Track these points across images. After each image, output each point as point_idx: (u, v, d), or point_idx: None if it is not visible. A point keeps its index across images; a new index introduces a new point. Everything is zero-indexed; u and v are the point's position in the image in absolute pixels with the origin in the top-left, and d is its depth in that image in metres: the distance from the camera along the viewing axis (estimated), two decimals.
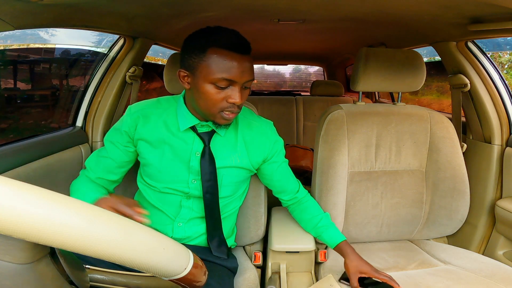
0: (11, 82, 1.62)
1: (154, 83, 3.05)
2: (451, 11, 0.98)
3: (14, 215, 0.31)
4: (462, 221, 1.20)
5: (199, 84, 0.77)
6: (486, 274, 1.00)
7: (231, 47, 0.75)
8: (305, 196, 1.09)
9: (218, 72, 0.74)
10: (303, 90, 4.26)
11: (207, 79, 0.76)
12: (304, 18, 1.37)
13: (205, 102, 0.79)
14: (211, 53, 0.75)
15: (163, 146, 0.88)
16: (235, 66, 0.75)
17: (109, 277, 0.51)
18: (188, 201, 0.92)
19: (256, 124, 0.95)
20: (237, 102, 0.77)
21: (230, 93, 0.77)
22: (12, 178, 0.32)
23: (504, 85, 1.29)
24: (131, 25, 1.19)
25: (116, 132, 0.92)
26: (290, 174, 1.04)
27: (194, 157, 0.88)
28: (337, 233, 1.03)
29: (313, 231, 1.07)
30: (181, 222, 0.94)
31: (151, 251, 0.41)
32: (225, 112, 0.80)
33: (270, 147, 0.95)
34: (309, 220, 1.06)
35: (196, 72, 0.77)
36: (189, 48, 0.78)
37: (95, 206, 0.38)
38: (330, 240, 1.02)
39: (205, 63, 0.75)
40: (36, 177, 1.03)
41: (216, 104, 0.78)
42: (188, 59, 0.78)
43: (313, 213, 1.07)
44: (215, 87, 0.76)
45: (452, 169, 1.16)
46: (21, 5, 0.73)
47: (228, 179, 0.93)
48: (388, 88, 1.18)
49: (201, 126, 0.88)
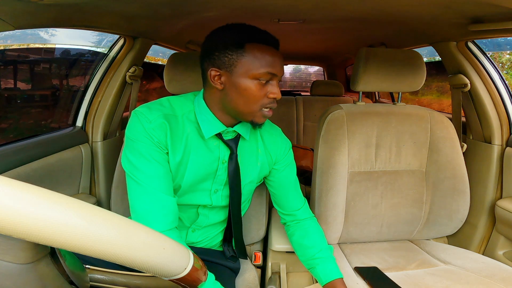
0: (11, 82, 1.62)
1: (154, 83, 3.05)
2: (451, 11, 0.98)
3: (14, 215, 0.31)
4: (462, 221, 1.20)
5: (239, 81, 0.73)
6: (486, 274, 1.00)
7: (267, 41, 0.74)
8: (308, 218, 0.98)
9: (262, 67, 0.72)
10: (303, 90, 4.27)
11: (250, 74, 0.73)
12: (304, 18, 1.36)
13: (247, 100, 0.75)
14: (251, 48, 0.72)
15: (188, 159, 0.80)
16: (275, 60, 0.74)
17: (109, 277, 0.51)
18: (205, 210, 0.90)
19: (268, 127, 0.94)
20: (278, 97, 0.76)
21: (270, 88, 0.75)
22: (12, 178, 0.32)
23: (504, 85, 1.29)
24: (131, 25, 1.19)
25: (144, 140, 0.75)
26: (296, 186, 0.98)
27: (221, 166, 0.83)
28: (335, 269, 0.90)
29: (307, 262, 0.93)
30: (195, 229, 0.92)
31: (151, 251, 0.41)
32: (265, 109, 0.77)
33: (284, 150, 0.93)
34: (307, 249, 0.93)
35: (235, 69, 0.73)
36: (222, 45, 0.73)
37: (95, 206, 0.38)
38: (323, 274, 0.89)
39: (245, 58, 0.72)
40: (36, 177, 1.03)
41: (258, 101, 0.75)
42: (221, 56, 0.73)
43: (315, 242, 0.93)
44: (258, 82, 0.74)
45: (452, 169, 1.16)
46: (21, 5, 0.73)
47: (249, 187, 0.91)
48: (388, 88, 1.18)
49: (226, 132, 0.82)
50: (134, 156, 0.75)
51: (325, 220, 1.14)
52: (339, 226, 1.16)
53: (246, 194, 0.93)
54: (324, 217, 1.14)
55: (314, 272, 0.91)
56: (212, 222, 0.92)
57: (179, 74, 1.12)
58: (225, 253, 0.97)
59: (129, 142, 0.77)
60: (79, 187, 1.29)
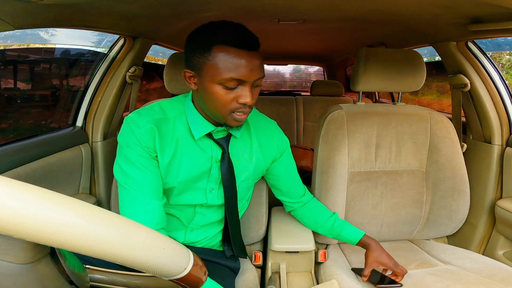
0: (11, 82, 1.62)
1: (154, 83, 3.05)
2: (451, 11, 0.98)
3: (14, 215, 0.31)
4: (462, 221, 1.20)
5: (206, 85, 0.71)
6: (486, 274, 1.00)
7: (237, 44, 0.68)
8: (312, 199, 1.09)
9: (226, 72, 0.68)
10: (303, 90, 4.26)
11: (215, 79, 0.70)
12: (304, 18, 1.36)
13: (214, 104, 0.73)
14: (217, 51, 0.68)
15: (180, 159, 0.81)
16: (243, 65, 0.68)
17: (109, 277, 0.51)
18: (202, 208, 0.90)
19: (264, 123, 0.93)
20: (248, 102, 0.71)
21: (240, 92, 0.71)
22: (12, 178, 0.32)
23: (504, 85, 1.29)
24: (131, 25, 1.19)
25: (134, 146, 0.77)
26: (297, 176, 1.04)
27: (215, 165, 0.84)
28: (354, 229, 1.03)
29: (330, 232, 1.05)
30: (193, 228, 0.93)
31: (151, 251, 0.41)
32: (236, 113, 0.74)
33: (279, 146, 0.94)
34: (324, 223, 1.05)
35: (202, 72, 0.71)
36: (193, 46, 0.72)
37: (95, 206, 0.38)
38: (350, 237, 1.02)
39: (211, 63, 0.69)
40: (36, 177, 1.03)
41: (226, 106, 0.72)
42: (192, 58, 0.72)
43: (325, 215, 1.06)
44: (224, 87, 0.70)
45: (452, 169, 1.16)
46: (21, 5, 0.73)
47: (245, 184, 0.92)
48: (388, 88, 1.18)
49: (216, 132, 0.82)
50: (123, 162, 0.78)
51: None
52: None
53: (243, 192, 0.94)
54: None
55: (341, 237, 1.04)
56: (210, 221, 0.92)
57: (179, 74, 1.12)
58: (225, 252, 0.97)
59: (120, 149, 0.80)
60: (79, 187, 1.29)
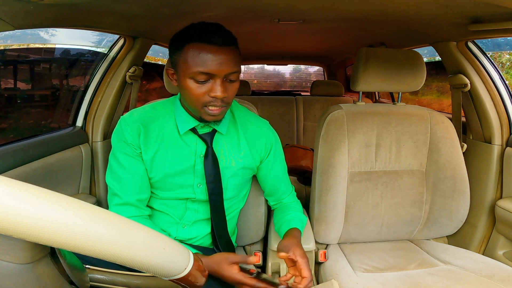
0: (11, 82, 1.62)
1: (154, 83, 3.05)
2: (451, 11, 0.98)
3: (14, 215, 0.31)
4: (462, 221, 1.20)
5: (181, 81, 0.78)
6: (486, 274, 1.00)
7: (206, 39, 0.74)
8: (293, 202, 1.04)
9: (194, 66, 0.74)
10: (303, 90, 4.26)
11: (186, 74, 0.76)
12: (304, 18, 1.36)
13: (189, 98, 0.78)
14: (188, 48, 0.74)
15: (165, 154, 0.86)
16: (210, 59, 0.73)
17: (109, 277, 0.51)
18: (193, 204, 0.92)
19: (253, 122, 0.94)
20: (218, 96, 0.75)
21: (211, 86, 0.76)
22: (12, 178, 0.32)
23: (504, 85, 1.29)
24: (131, 25, 1.19)
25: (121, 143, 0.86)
26: (283, 178, 1.02)
27: (199, 160, 0.87)
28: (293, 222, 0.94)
29: (277, 225, 0.99)
30: (185, 224, 0.93)
31: (151, 251, 0.41)
32: (209, 107, 0.78)
33: (266, 145, 0.94)
34: (281, 218, 0.99)
35: (178, 69, 0.78)
36: (172, 46, 0.79)
37: (95, 206, 0.38)
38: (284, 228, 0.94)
39: (183, 59, 0.75)
40: (36, 177, 1.03)
41: (199, 99, 0.77)
42: (171, 57, 0.80)
43: (289, 211, 0.99)
44: (195, 81, 0.76)
45: (452, 169, 1.16)
46: (21, 5, 0.73)
47: (233, 181, 0.92)
48: (388, 88, 1.18)
49: (201, 127, 0.87)
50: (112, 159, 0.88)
51: (325, 220, 1.14)
52: (339, 226, 1.16)
53: (234, 189, 0.94)
54: (324, 217, 1.14)
55: (280, 231, 0.96)
56: (201, 218, 0.93)
57: None
58: (214, 250, 0.96)
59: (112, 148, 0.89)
60: (79, 187, 1.29)
